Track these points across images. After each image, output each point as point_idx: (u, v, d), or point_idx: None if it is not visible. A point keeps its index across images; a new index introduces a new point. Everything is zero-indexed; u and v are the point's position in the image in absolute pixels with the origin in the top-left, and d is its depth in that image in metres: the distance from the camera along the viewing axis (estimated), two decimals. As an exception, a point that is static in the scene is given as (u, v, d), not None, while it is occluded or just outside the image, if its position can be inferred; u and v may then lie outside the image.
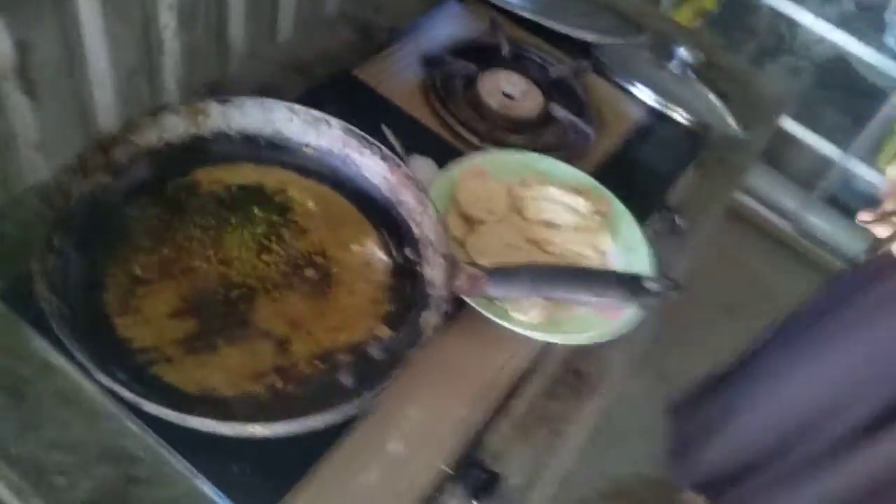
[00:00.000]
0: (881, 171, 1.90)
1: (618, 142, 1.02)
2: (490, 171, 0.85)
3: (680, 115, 1.08)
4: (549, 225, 0.82)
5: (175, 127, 0.72)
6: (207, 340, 0.63)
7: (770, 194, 2.14)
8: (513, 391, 0.74)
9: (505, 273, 0.68)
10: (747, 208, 2.14)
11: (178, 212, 0.70)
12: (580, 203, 0.83)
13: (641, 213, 0.89)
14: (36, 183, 0.76)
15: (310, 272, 0.69)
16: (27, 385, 0.64)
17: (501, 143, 0.92)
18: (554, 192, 0.83)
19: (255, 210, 0.72)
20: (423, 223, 0.73)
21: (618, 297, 0.66)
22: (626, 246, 0.84)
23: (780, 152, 2.11)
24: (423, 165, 0.86)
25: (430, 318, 0.66)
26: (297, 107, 0.75)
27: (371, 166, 0.76)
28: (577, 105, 1.02)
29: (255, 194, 0.73)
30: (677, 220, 0.95)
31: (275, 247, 0.70)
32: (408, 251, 0.72)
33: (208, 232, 0.69)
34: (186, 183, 0.72)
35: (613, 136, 1.02)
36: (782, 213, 2.15)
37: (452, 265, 0.67)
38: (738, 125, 1.12)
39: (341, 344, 0.66)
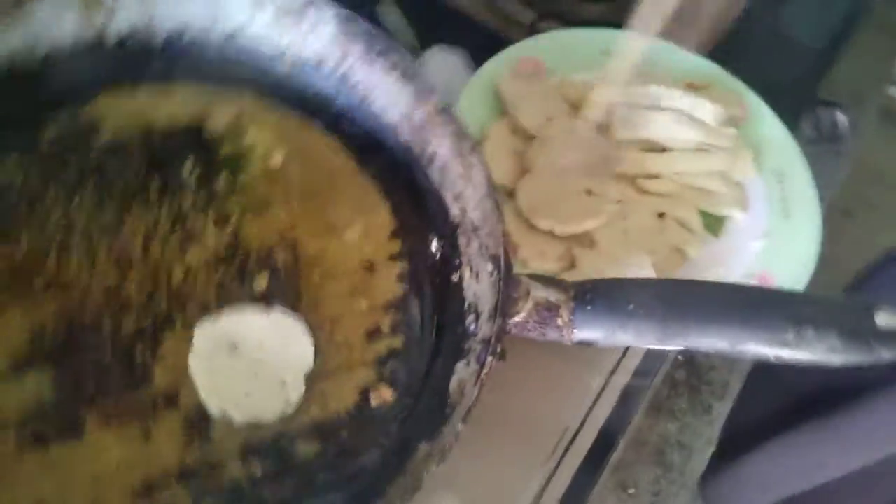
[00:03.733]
0: None
1: (741, 4, 0.69)
2: (552, 64, 0.55)
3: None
4: (654, 147, 0.52)
5: (58, 27, 0.42)
6: (67, 417, 0.35)
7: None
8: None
9: (609, 299, 0.35)
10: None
11: (54, 176, 0.42)
12: (706, 107, 0.52)
13: (790, 113, 0.59)
14: None
15: (261, 282, 0.41)
16: None
17: (570, 20, 0.61)
18: (658, 92, 0.53)
19: (187, 168, 0.44)
20: (464, 194, 0.41)
21: (825, 348, 0.34)
22: (774, 170, 0.54)
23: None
24: (447, 64, 0.57)
25: (464, 379, 0.36)
26: None
27: (384, 91, 0.43)
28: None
29: (190, 140, 0.44)
30: (840, 118, 0.63)
31: (210, 235, 0.42)
32: (439, 244, 0.42)
33: (102, 211, 0.41)
34: (77, 124, 0.43)
35: (734, -4, 0.69)
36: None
37: (508, 283, 0.36)
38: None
39: (305, 419, 0.37)
